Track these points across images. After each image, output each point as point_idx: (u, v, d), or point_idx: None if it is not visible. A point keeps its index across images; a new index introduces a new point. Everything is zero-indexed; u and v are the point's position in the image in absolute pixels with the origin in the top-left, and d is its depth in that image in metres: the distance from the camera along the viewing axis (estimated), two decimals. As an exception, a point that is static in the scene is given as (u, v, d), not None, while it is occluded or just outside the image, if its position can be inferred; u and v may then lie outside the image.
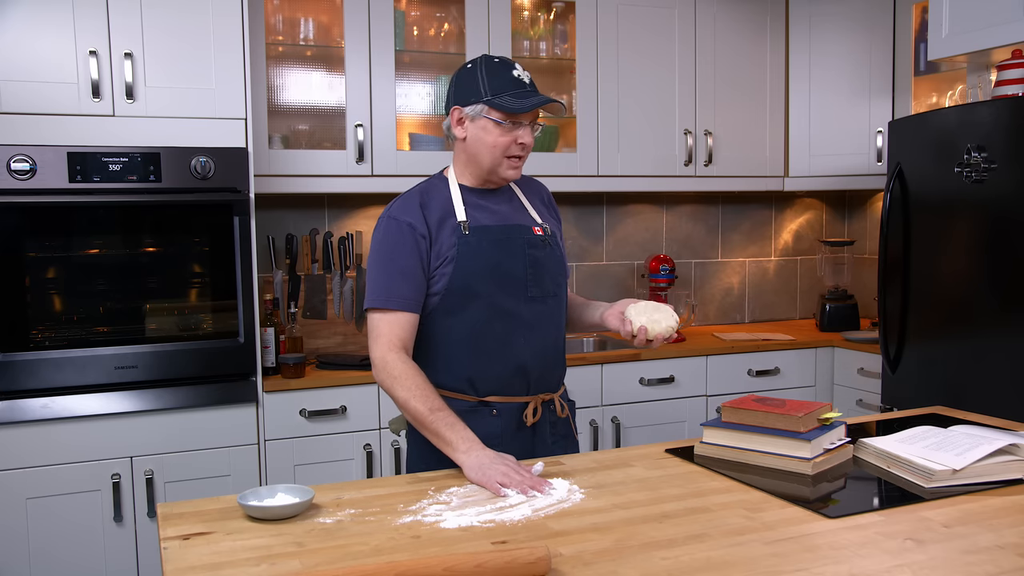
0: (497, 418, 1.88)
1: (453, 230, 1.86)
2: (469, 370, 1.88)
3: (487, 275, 1.85)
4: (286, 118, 3.29)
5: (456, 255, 1.84)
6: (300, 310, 3.34)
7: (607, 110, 3.54)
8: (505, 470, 1.60)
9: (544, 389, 1.96)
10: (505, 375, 1.89)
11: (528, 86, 1.85)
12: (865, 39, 3.73)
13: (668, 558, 1.29)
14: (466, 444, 1.69)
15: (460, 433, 1.71)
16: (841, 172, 3.81)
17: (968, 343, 2.87)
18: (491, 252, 1.86)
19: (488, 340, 1.87)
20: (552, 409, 1.97)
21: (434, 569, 1.18)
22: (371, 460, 2.99)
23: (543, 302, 1.92)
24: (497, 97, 1.81)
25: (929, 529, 1.40)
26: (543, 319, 1.93)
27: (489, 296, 1.86)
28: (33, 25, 2.58)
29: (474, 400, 1.89)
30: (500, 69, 1.85)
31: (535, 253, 1.91)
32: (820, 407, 1.78)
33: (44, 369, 2.63)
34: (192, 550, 1.35)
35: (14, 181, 2.55)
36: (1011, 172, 2.71)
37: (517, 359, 1.89)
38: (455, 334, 1.87)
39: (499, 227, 1.89)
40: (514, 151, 1.85)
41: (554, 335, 1.96)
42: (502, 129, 1.83)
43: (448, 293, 1.85)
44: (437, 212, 1.88)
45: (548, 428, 1.96)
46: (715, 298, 4.19)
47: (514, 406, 1.91)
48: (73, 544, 2.67)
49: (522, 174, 2.06)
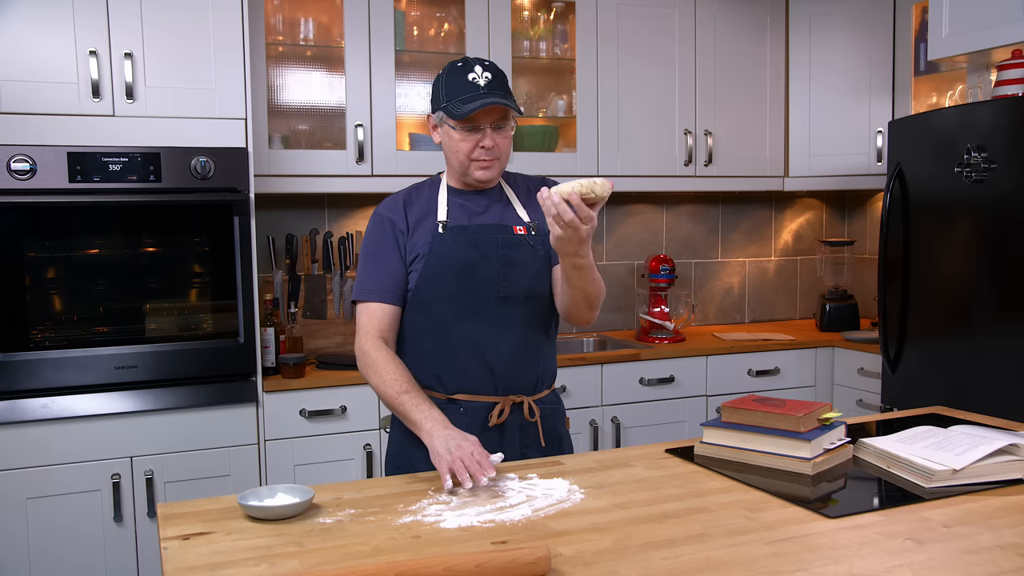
0: (463, 416, 1.88)
1: (430, 228, 1.90)
2: (437, 366, 1.90)
3: (457, 273, 1.87)
4: (286, 118, 3.29)
5: (428, 252, 1.87)
6: (300, 310, 3.34)
7: (607, 110, 3.54)
8: (456, 456, 1.59)
9: (516, 391, 1.92)
10: (471, 374, 1.89)
11: (481, 89, 1.81)
12: (865, 39, 3.73)
13: (668, 558, 1.29)
14: (429, 423, 1.70)
15: (424, 413, 1.73)
16: (841, 172, 3.82)
17: (968, 343, 2.87)
18: (463, 251, 1.88)
19: (455, 338, 1.88)
20: (522, 412, 1.93)
21: (434, 569, 1.18)
22: (371, 460, 2.99)
23: (517, 303, 1.90)
24: (450, 103, 1.83)
25: (929, 529, 1.40)
26: (515, 320, 1.90)
27: (458, 294, 1.87)
28: (33, 25, 2.58)
29: (442, 397, 1.90)
30: (458, 72, 1.84)
31: (510, 253, 1.90)
32: (820, 407, 1.78)
33: (44, 369, 2.63)
34: (192, 550, 1.35)
35: (14, 181, 2.55)
36: (1011, 172, 2.71)
37: (484, 358, 1.89)
38: (424, 330, 1.90)
39: (475, 226, 1.90)
40: (479, 154, 1.86)
41: (527, 336, 1.92)
42: (461, 134, 1.84)
43: (418, 289, 1.88)
44: (419, 210, 1.92)
45: (518, 431, 1.93)
46: (715, 298, 4.19)
47: (482, 405, 1.90)
48: (73, 544, 2.67)
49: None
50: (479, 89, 1.82)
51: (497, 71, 1.86)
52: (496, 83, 1.84)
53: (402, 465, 1.91)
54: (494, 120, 1.84)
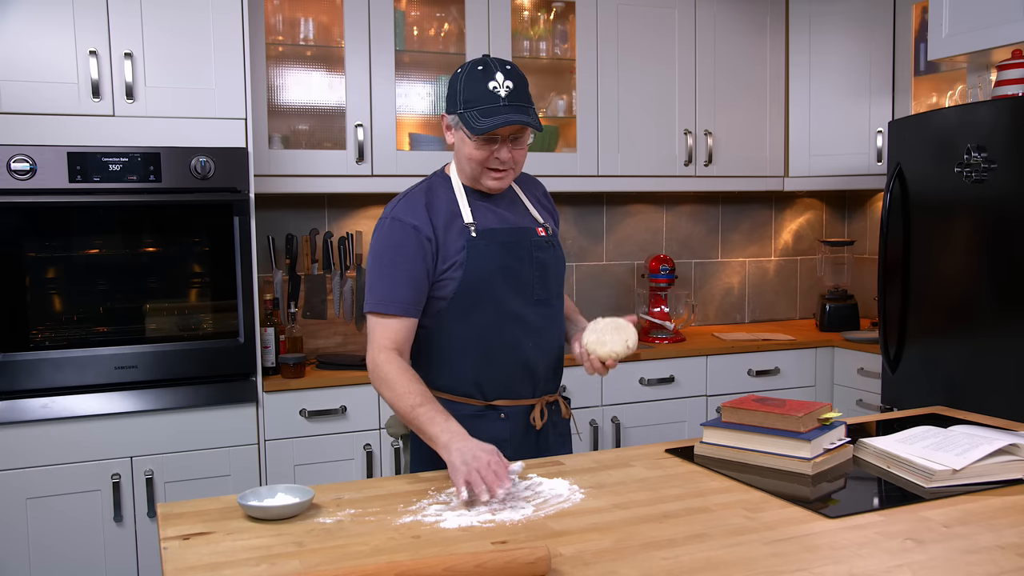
0: (505, 422, 1.87)
1: (460, 232, 1.82)
2: (477, 374, 1.86)
3: (496, 278, 1.83)
4: (286, 118, 3.29)
5: (465, 258, 1.80)
6: (300, 310, 3.34)
7: (607, 110, 3.54)
8: (473, 468, 1.53)
9: (548, 391, 1.95)
10: (513, 379, 1.88)
11: (503, 100, 1.73)
12: (865, 39, 3.73)
13: (668, 558, 1.29)
14: (445, 437, 1.62)
15: (440, 426, 1.65)
16: (841, 172, 3.82)
17: (968, 343, 2.87)
18: (499, 255, 1.83)
19: (497, 344, 1.85)
20: (556, 410, 1.97)
21: (434, 569, 1.18)
22: (371, 460, 2.99)
23: (548, 304, 1.91)
24: (468, 112, 1.75)
25: (929, 529, 1.40)
26: (549, 321, 1.92)
27: (498, 299, 1.83)
28: (33, 25, 2.58)
29: (481, 404, 1.87)
30: (479, 78, 1.75)
31: (540, 255, 1.89)
32: (820, 407, 1.78)
33: (44, 369, 2.63)
34: (192, 550, 1.35)
35: (14, 181, 2.55)
36: (1011, 172, 2.71)
37: (526, 362, 1.87)
38: (463, 338, 1.84)
39: (506, 229, 1.87)
40: (493, 164, 1.80)
41: (559, 336, 1.96)
42: (477, 143, 1.77)
43: (457, 297, 1.82)
44: (443, 213, 1.83)
45: (551, 428, 1.96)
46: (715, 298, 4.19)
47: (521, 409, 1.90)
48: (73, 544, 2.67)
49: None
50: (500, 101, 1.73)
51: (519, 78, 1.78)
52: (517, 94, 1.76)
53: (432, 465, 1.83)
54: (511, 133, 1.78)
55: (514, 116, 1.73)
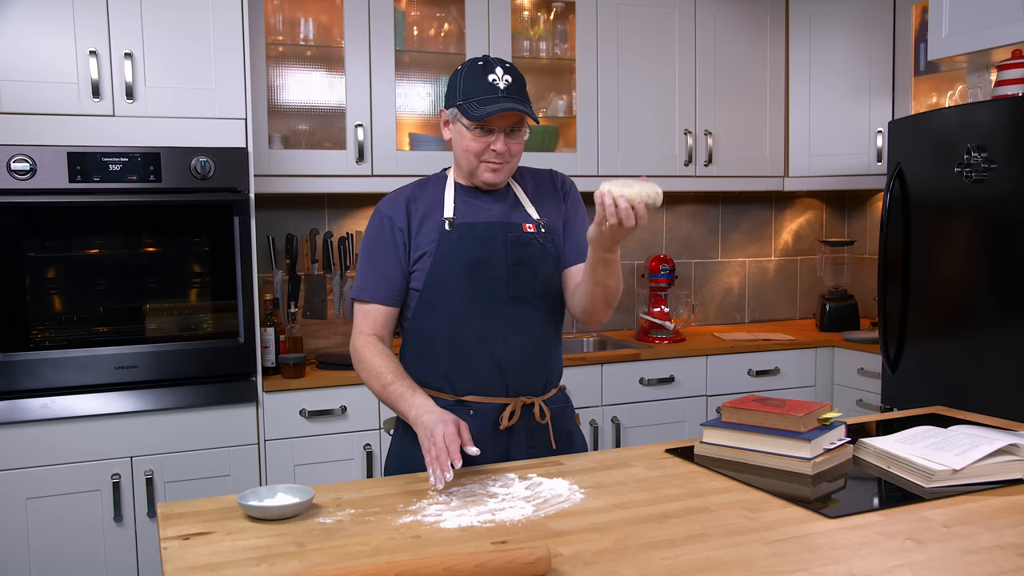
0: (473, 418, 1.86)
1: (436, 225, 1.87)
2: (446, 368, 1.87)
3: (466, 272, 1.84)
4: (286, 118, 3.29)
5: (435, 251, 1.85)
6: (300, 310, 3.34)
7: (607, 110, 3.54)
8: (432, 442, 1.58)
9: (526, 392, 1.91)
10: (482, 375, 1.87)
11: (501, 92, 1.78)
12: (865, 39, 3.73)
13: (668, 558, 1.29)
14: (413, 412, 1.70)
15: (407, 401, 1.73)
16: (841, 172, 3.82)
17: (968, 343, 2.87)
18: (471, 249, 1.85)
19: (465, 338, 1.86)
20: (532, 414, 1.91)
21: (434, 569, 1.18)
22: (371, 460, 2.99)
23: (527, 302, 1.89)
24: (466, 102, 1.80)
25: (929, 529, 1.40)
26: (525, 320, 1.89)
27: (467, 293, 1.85)
28: (33, 25, 2.58)
29: (451, 399, 1.87)
30: (478, 72, 1.81)
31: (519, 252, 1.88)
32: (820, 407, 1.78)
33: (44, 369, 2.63)
34: (192, 550, 1.35)
35: (14, 181, 2.55)
36: (1011, 172, 2.71)
37: (494, 359, 1.86)
38: (432, 330, 1.88)
39: (482, 224, 1.88)
40: (489, 156, 1.83)
41: (538, 336, 1.91)
42: (474, 134, 1.81)
43: (426, 288, 1.86)
44: (424, 207, 1.89)
45: (525, 434, 1.90)
46: (715, 298, 4.19)
47: (492, 407, 1.88)
48: (73, 544, 2.67)
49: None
50: (498, 92, 1.78)
51: (517, 75, 1.83)
52: (515, 88, 1.81)
53: (404, 467, 1.88)
54: (508, 124, 1.81)
55: (511, 104, 1.78)
